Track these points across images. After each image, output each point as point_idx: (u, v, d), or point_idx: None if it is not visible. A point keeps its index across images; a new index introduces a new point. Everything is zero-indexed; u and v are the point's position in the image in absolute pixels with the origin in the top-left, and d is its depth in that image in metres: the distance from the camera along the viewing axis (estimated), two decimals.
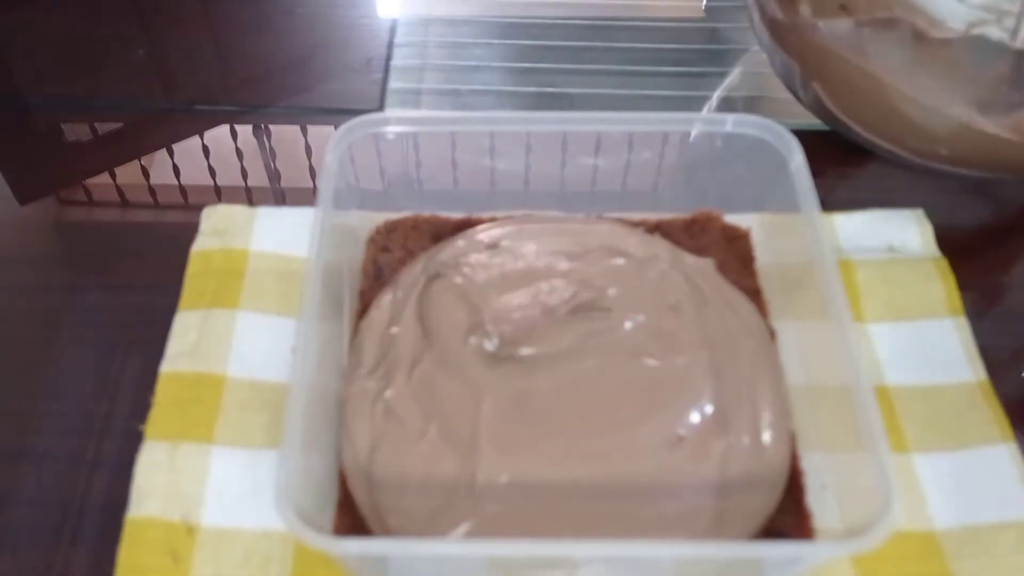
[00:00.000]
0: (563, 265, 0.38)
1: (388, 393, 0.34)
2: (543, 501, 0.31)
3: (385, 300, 0.37)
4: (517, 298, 0.36)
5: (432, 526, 0.31)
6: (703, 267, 0.38)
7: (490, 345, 0.35)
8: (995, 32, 0.37)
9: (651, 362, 0.34)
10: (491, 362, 0.34)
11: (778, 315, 0.37)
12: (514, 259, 0.38)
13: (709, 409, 0.33)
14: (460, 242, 0.39)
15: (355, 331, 0.37)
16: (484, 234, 0.39)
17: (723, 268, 0.39)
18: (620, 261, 0.38)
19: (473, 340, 0.35)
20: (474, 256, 0.38)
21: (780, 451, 0.33)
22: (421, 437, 0.33)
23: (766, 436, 0.33)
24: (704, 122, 0.37)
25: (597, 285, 0.37)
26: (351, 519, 0.32)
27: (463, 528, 0.31)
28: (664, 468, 0.32)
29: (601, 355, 0.35)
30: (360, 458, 0.33)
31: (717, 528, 0.31)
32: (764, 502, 0.32)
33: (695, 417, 0.33)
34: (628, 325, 0.35)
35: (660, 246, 0.39)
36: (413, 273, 0.38)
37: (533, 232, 0.39)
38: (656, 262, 0.38)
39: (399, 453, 0.33)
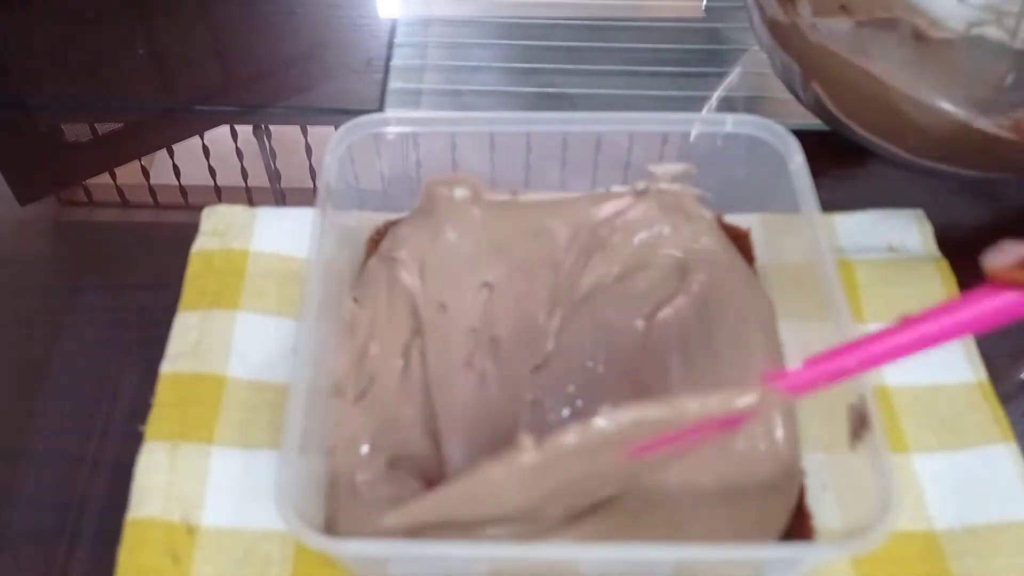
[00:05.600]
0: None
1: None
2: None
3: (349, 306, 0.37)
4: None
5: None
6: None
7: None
8: (995, 32, 0.37)
9: (674, 362, 0.34)
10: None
11: (778, 315, 0.37)
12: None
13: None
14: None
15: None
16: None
17: None
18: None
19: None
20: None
21: (791, 453, 0.33)
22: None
23: (779, 439, 0.33)
24: (704, 122, 0.37)
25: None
26: None
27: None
28: (683, 472, 0.32)
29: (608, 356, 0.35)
30: (345, 484, 0.33)
31: (742, 532, 0.31)
32: (786, 504, 0.32)
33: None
34: (640, 324, 0.35)
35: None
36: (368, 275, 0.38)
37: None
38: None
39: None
